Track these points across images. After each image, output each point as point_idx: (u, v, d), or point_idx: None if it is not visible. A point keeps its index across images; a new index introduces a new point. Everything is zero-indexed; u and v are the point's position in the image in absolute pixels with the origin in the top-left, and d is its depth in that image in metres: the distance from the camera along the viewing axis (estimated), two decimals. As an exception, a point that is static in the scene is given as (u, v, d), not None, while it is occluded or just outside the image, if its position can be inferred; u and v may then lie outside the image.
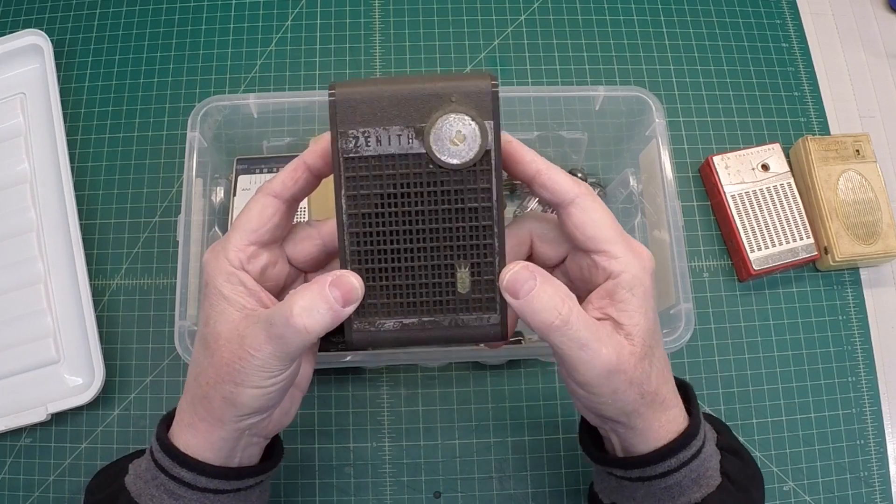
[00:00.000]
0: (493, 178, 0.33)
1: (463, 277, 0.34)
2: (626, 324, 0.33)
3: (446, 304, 0.34)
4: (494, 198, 0.33)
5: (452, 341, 0.34)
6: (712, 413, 0.48)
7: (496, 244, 0.33)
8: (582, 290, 0.35)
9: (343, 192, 0.32)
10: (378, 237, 0.33)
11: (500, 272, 0.33)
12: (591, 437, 0.39)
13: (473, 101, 0.32)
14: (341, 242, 0.33)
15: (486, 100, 0.32)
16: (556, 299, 0.32)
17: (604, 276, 0.34)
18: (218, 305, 0.33)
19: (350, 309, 0.32)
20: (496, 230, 0.33)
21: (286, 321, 0.31)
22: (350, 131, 0.32)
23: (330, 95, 0.32)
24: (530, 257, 0.37)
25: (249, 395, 0.33)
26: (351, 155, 0.32)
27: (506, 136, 0.33)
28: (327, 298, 0.31)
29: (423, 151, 0.32)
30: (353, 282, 0.32)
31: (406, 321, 0.34)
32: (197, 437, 0.35)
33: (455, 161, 0.32)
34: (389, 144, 0.32)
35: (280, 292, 0.36)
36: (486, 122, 0.32)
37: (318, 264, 0.37)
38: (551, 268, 0.37)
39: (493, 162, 0.32)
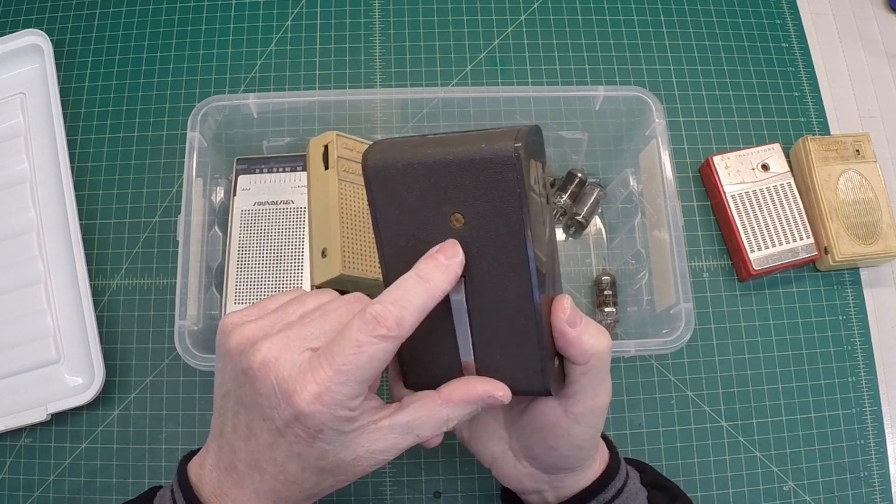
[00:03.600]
0: (532, 279, 0.32)
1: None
2: (592, 403, 0.37)
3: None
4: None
5: None
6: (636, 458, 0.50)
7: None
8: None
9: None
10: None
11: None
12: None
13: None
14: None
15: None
16: (601, 331, 0.35)
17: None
18: (337, 441, 0.31)
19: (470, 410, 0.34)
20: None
21: (440, 433, 0.33)
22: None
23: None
24: None
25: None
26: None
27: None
28: (474, 412, 0.34)
29: None
30: (499, 399, 0.34)
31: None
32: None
33: None
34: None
35: None
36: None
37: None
38: None
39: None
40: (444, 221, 0.31)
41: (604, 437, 0.41)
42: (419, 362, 0.35)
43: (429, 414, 0.33)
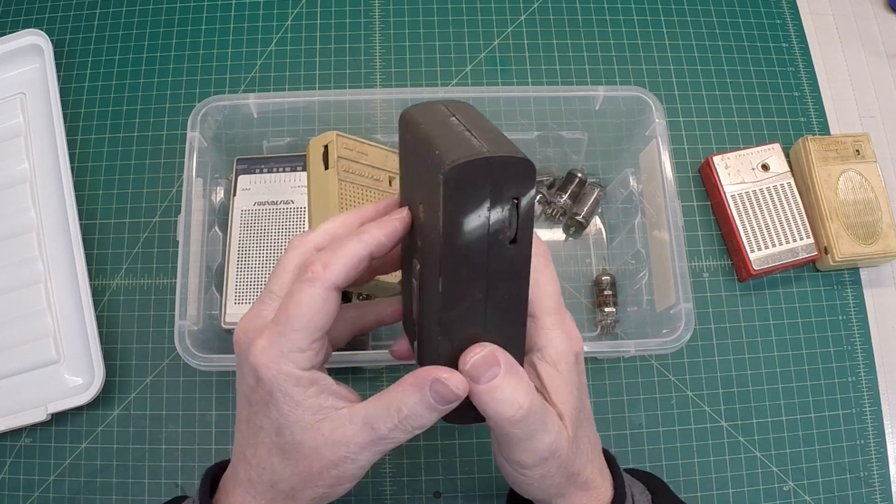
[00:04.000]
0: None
1: None
2: (556, 402, 0.33)
3: None
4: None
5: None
6: (648, 471, 0.45)
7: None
8: None
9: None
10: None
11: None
12: None
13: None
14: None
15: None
16: (518, 392, 0.30)
17: (529, 344, 0.33)
18: (292, 414, 0.31)
19: (454, 404, 0.31)
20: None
21: (396, 426, 0.31)
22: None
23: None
24: None
25: (346, 488, 0.33)
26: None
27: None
28: (430, 404, 0.30)
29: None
30: (450, 388, 0.30)
31: None
32: None
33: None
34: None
35: None
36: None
37: (342, 343, 0.37)
38: None
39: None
40: (422, 190, 0.30)
41: (609, 459, 0.38)
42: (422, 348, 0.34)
43: (384, 402, 0.31)
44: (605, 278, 0.58)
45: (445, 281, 0.29)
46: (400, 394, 0.31)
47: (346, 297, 0.42)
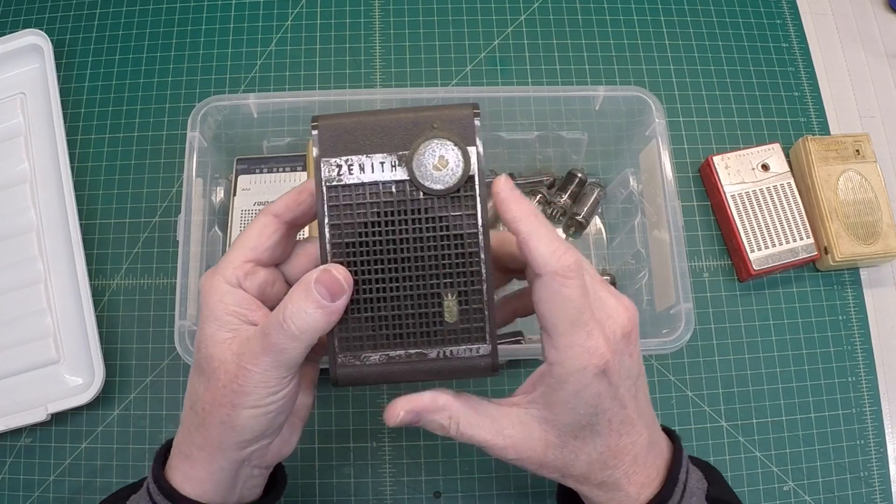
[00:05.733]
0: (477, 203, 0.32)
1: (450, 306, 0.33)
2: (547, 417, 0.33)
3: (434, 335, 0.33)
4: (480, 223, 0.32)
5: (442, 375, 0.33)
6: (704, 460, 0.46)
7: (483, 271, 0.32)
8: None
9: (326, 220, 0.32)
10: (362, 266, 0.32)
11: (487, 299, 0.32)
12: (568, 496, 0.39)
13: (456, 127, 0.32)
14: None
15: (469, 126, 0.32)
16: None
17: (545, 354, 0.33)
18: (209, 328, 0.33)
19: (341, 303, 0.31)
20: (483, 257, 0.32)
21: (279, 327, 0.31)
22: (333, 160, 0.32)
23: (313, 127, 0.32)
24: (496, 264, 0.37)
25: (248, 415, 0.32)
26: (334, 183, 0.32)
27: (501, 185, 0.32)
28: (314, 297, 0.31)
29: (407, 178, 0.32)
30: (334, 274, 0.31)
31: (392, 353, 0.33)
32: (195, 468, 0.34)
33: (438, 186, 0.32)
34: (373, 172, 0.32)
35: None
36: (468, 147, 0.32)
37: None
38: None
39: (476, 188, 0.32)
40: None
41: (671, 434, 0.37)
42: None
43: (276, 310, 0.32)
44: (605, 278, 0.58)
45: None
46: (286, 298, 0.31)
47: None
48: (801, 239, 0.59)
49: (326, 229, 0.32)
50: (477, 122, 0.32)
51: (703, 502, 0.36)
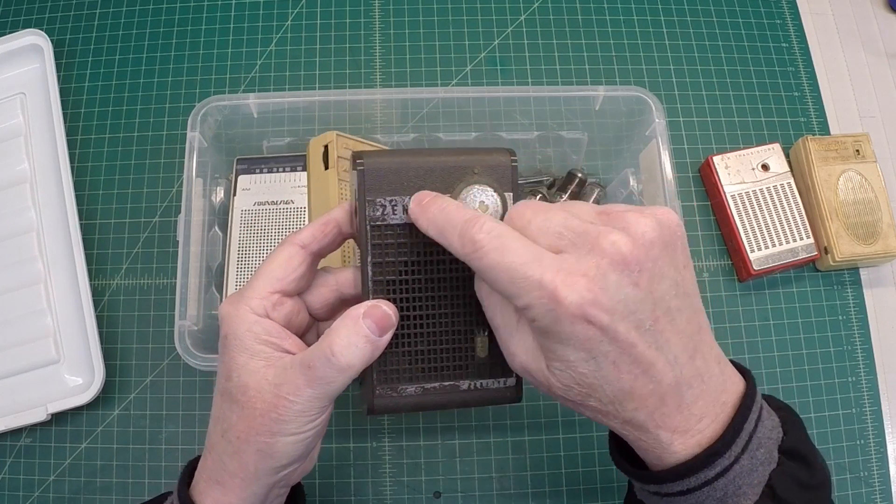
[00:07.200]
0: None
1: (483, 343, 0.35)
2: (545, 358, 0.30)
3: (466, 369, 0.35)
4: None
5: (470, 403, 0.36)
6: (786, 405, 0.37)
7: None
8: None
9: (370, 259, 0.34)
10: (402, 304, 0.34)
11: None
12: (621, 449, 0.35)
13: (495, 174, 0.34)
14: None
15: (507, 173, 0.34)
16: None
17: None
18: (240, 358, 0.33)
19: (387, 337, 0.32)
20: None
21: (328, 360, 0.31)
22: (378, 200, 0.33)
23: (358, 165, 0.33)
24: None
25: (287, 442, 0.32)
26: (378, 223, 0.33)
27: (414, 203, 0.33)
28: (363, 332, 0.31)
29: None
30: (385, 309, 0.32)
31: (427, 386, 0.35)
32: (227, 495, 0.34)
33: None
34: None
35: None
36: (506, 193, 0.34)
37: (333, 312, 0.37)
38: None
39: None
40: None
41: (745, 372, 0.33)
42: None
43: (320, 343, 0.32)
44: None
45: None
46: (332, 332, 0.32)
47: None
48: (801, 239, 0.59)
49: (369, 267, 0.34)
50: (514, 169, 0.34)
51: (774, 455, 0.31)
